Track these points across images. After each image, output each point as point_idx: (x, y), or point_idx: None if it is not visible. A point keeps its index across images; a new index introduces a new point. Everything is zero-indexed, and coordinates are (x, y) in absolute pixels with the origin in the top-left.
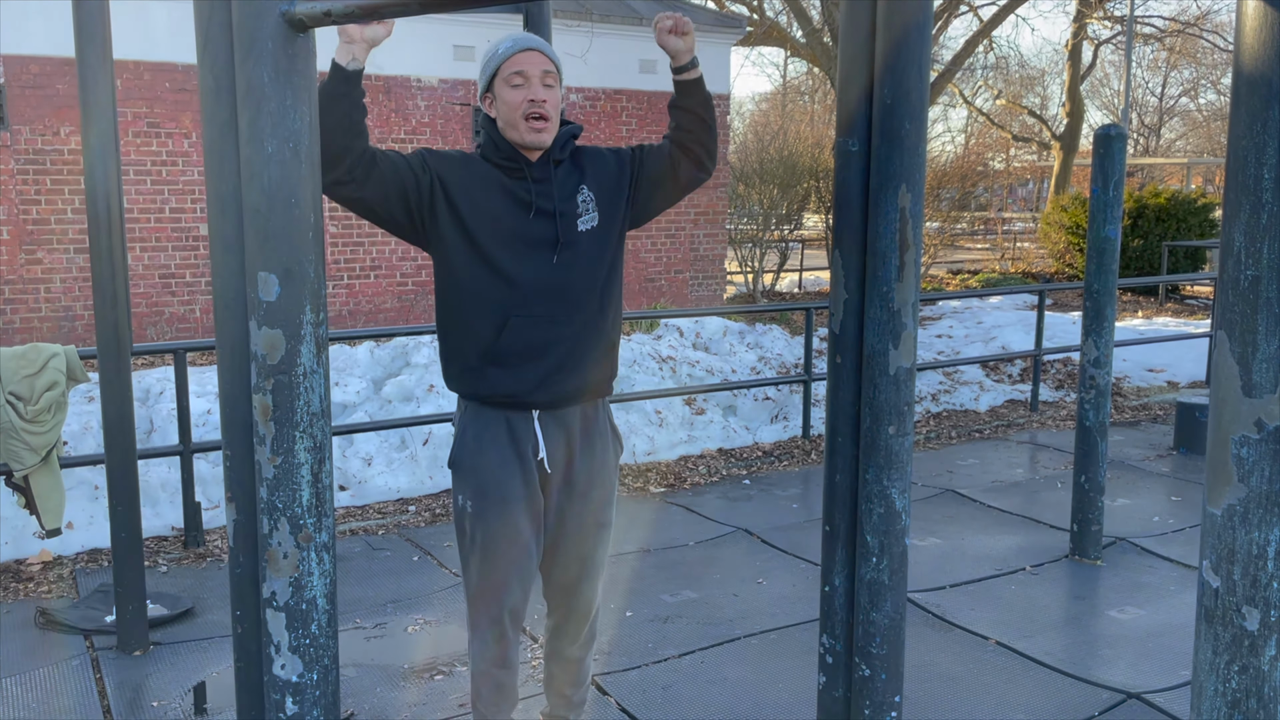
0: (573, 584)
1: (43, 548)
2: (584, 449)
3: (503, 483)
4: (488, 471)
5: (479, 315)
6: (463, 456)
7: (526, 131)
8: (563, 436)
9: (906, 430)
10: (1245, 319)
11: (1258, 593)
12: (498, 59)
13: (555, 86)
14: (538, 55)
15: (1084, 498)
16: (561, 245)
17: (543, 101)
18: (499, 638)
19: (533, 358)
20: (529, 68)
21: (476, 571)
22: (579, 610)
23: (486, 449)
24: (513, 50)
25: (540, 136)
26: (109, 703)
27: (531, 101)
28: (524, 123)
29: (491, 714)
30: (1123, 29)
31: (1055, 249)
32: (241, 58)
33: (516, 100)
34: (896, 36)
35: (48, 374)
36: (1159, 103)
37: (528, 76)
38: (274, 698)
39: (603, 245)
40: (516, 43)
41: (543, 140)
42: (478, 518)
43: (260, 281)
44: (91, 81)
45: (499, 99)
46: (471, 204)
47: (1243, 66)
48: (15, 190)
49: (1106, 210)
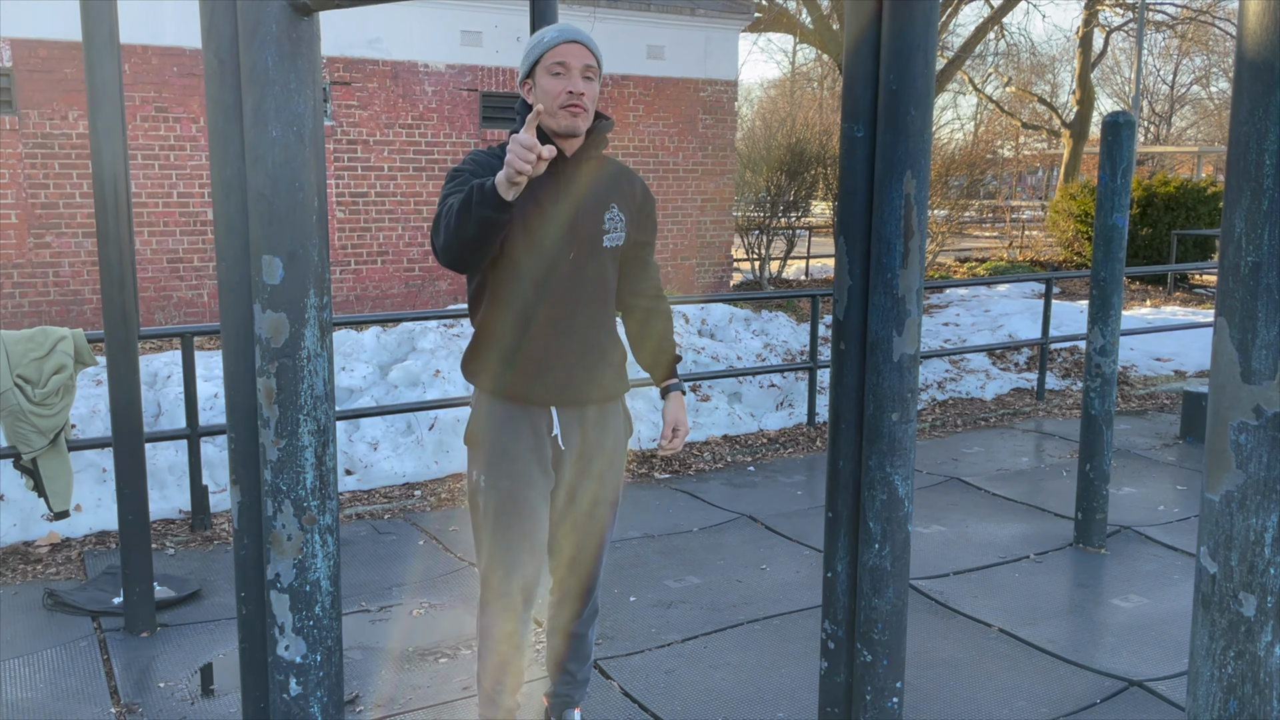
0: (580, 559)
1: (51, 530)
2: (598, 433)
3: (516, 456)
4: (501, 445)
5: (503, 317)
6: (478, 431)
7: (563, 116)
8: (578, 422)
9: (909, 417)
10: (1245, 305)
11: (1254, 579)
12: (542, 47)
13: (595, 80)
14: (581, 48)
15: (1089, 486)
16: (588, 254)
17: (581, 94)
18: (508, 612)
19: (547, 364)
20: (571, 59)
21: (488, 545)
22: (583, 584)
23: (502, 425)
24: (558, 40)
25: (575, 121)
26: (116, 684)
27: (570, 93)
28: (561, 110)
29: (495, 692)
30: (1134, 16)
31: (1064, 237)
32: (246, 41)
33: (556, 89)
34: (902, 22)
35: (56, 357)
36: (1170, 90)
37: (569, 67)
38: (278, 679)
39: (616, 263)
40: (562, 33)
41: (577, 126)
42: (490, 490)
43: (264, 265)
44: (98, 66)
45: (538, 86)
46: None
47: (1245, 52)
48: (24, 174)
49: (1114, 198)
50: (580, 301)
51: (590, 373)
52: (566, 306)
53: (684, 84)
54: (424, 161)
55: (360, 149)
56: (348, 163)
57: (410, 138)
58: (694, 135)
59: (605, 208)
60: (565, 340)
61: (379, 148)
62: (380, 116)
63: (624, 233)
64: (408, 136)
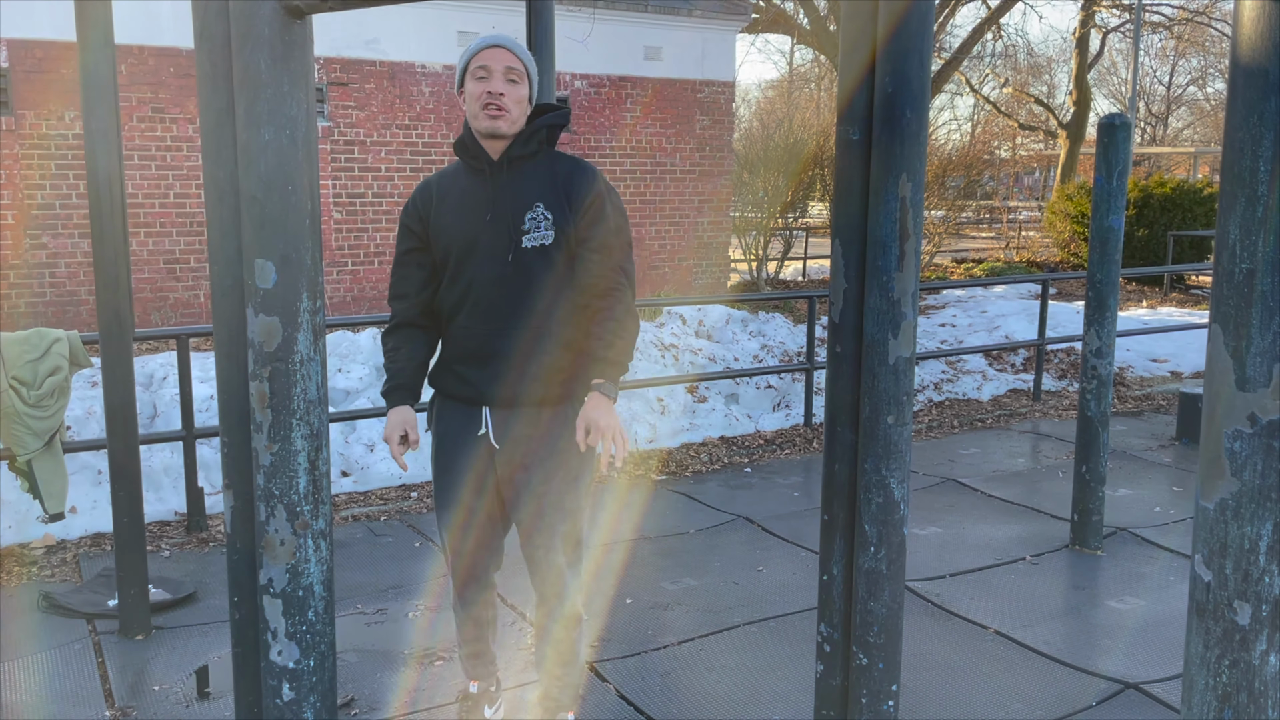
0: (539, 560)
1: (46, 532)
2: (536, 436)
3: (452, 451)
4: (439, 440)
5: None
6: (430, 420)
7: (483, 118)
8: (515, 421)
9: (905, 420)
10: (1239, 312)
11: (1249, 587)
12: (468, 55)
13: (520, 83)
14: (503, 52)
15: (1085, 487)
16: (511, 258)
17: (500, 94)
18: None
19: (475, 364)
20: (492, 63)
21: (441, 534)
22: (549, 584)
23: (440, 421)
24: (480, 46)
25: (495, 124)
26: (110, 686)
27: (489, 93)
28: (482, 112)
29: (470, 668)
30: (1131, 17)
31: (1060, 238)
32: (239, 44)
33: (477, 92)
34: (897, 24)
35: (51, 359)
36: (1166, 91)
37: (490, 70)
38: (271, 684)
39: (550, 263)
40: (485, 40)
41: (496, 127)
42: (434, 479)
43: (257, 268)
44: (93, 67)
45: (466, 92)
46: (442, 218)
47: (1240, 58)
48: (20, 175)
49: (1110, 200)
50: (505, 304)
51: (520, 375)
52: (490, 309)
53: (681, 85)
54: (421, 162)
55: (357, 149)
56: (345, 163)
57: (407, 138)
58: (691, 136)
59: (528, 208)
60: (490, 343)
61: (376, 148)
62: (377, 117)
63: (551, 232)
64: (405, 137)
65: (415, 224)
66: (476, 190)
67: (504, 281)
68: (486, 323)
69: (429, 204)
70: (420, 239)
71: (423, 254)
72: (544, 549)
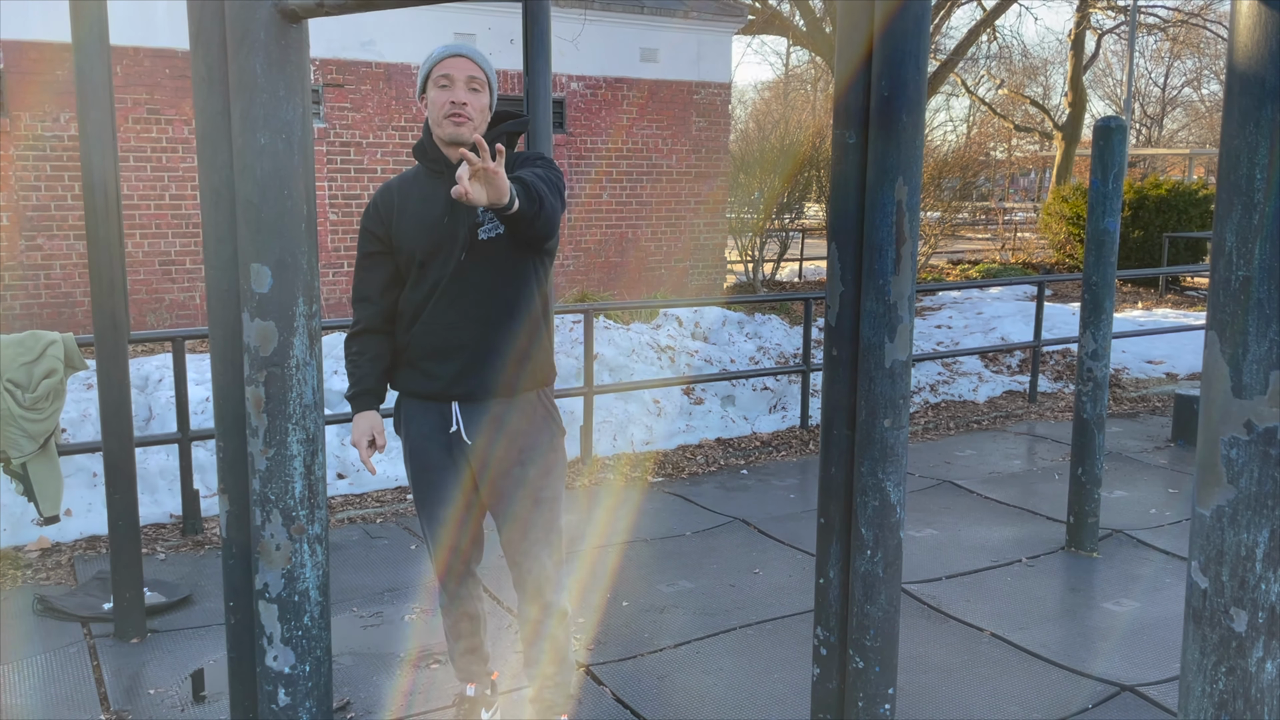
0: (517, 555)
1: (41, 535)
2: (505, 426)
3: (426, 452)
4: (411, 440)
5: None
6: (398, 422)
7: (446, 125)
8: (485, 416)
9: (902, 423)
10: (1236, 320)
11: (1245, 594)
12: (429, 63)
13: (481, 92)
14: (465, 61)
15: (1081, 490)
16: (466, 251)
17: (463, 104)
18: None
19: (439, 359)
20: (454, 72)
21: (424, 531)
22: (532, 577)
23: (410, 420)
24: (443, 55)
25: (458, 130)
26: (106, 690)
27: (452, 103)
28: (445, 120)
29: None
30: (1126, 18)
31: (1056, 239)
32: (234, 48)
33: (440, 100)
34: (894, 28)
35: (46, 361)
36: (1162, 93)
37: (453, 79)
38: (267, 689)
39: (505, 251)
40: (447, 49)
41: (459, 134)
42: (412, 482)
43: (253, 273)
44: (88, 68)
45: (428, 100)
46: (404, 220)
47: (1236, 65)
48: (15, 176)
49: (1106, 202)
50: (465, 297)
51: (486, 367)
52: (452, 304)
53: (677, 86)
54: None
55: (353, 151)
56: (340, 165)
57: (403, 140)
58: (687, 138)
59: None
60: (453, 336)
61: (372, 150)
62: (373, 118)
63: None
64: (400, 139)
65: (377, 227)
66: (436, 193)
67: (462, 275)
68: (448, 317)
69: (390, 208)
70: (383, 242)
71: (385, 257)
72: (523, 540)
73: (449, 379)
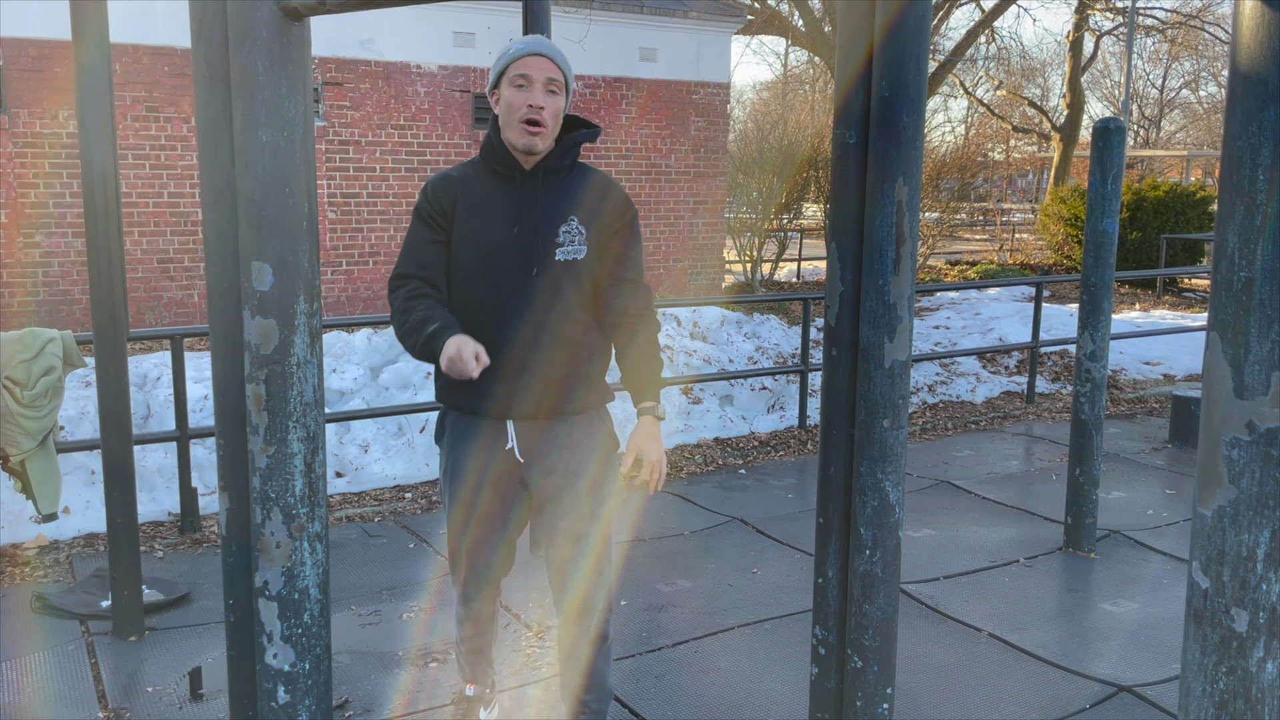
0: (567, 577)
1: (39, 532)
2: (565, 447)
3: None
4: (457, 456)
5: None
6: (442, 434)
7: (519, 134)
8: (538, 435)
9: (901, 423)
10: (1238, 320)
11: (1246, 594)
12: (507, 58)
13: (559, 95)
14: (545, 61)
15: (1078, 490)
16: (538, 270)
17: (540, 108)
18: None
19: (496, 376)
20: (534, 72)
21: (450, 549)
22: (573, 603)
23: (458, 436)
24: (523, 53)
25: (531, 140)
26: (104, 688)
27: (530, 106)
28: (519, 125)
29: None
30: (1124, 20)
31: (1054, 240)
32: (236, 46)
33: (516, 102)
34: (894, 29)
35: (44, 359)
36: (1160, 95)
37: (531, 80)
38: (266, 686)
39: (578, 277)
40: (528, 45)
41: (534, 145)
42: (452, 496)
43: (254, 271)
44: (87, 66)
45: (502, 98)
46: (466, 222)
47: (1239, 66)
48: (13, 173)
49: (1104, 204)
50: (531, 317)
51: (545, 386)
52: (517, 321)
53: (677, 86)
54: (416, 163)
55: (352, 149)
56: (340, 163)
57: (402, 138)
58: (686, 138)
59: (562, 221)
60: (516, 355)
61: (371, 148)
62: (372, 117)
63: (584, 247)
64: (400, 137)
65: (439, 216)
66: (502, 198)
67: (530, 293)
68: (510, 335)
69: (452, 202)
70: (444, 232)
71: (444, 247)
72: (575, 562)
73: (507, 397)
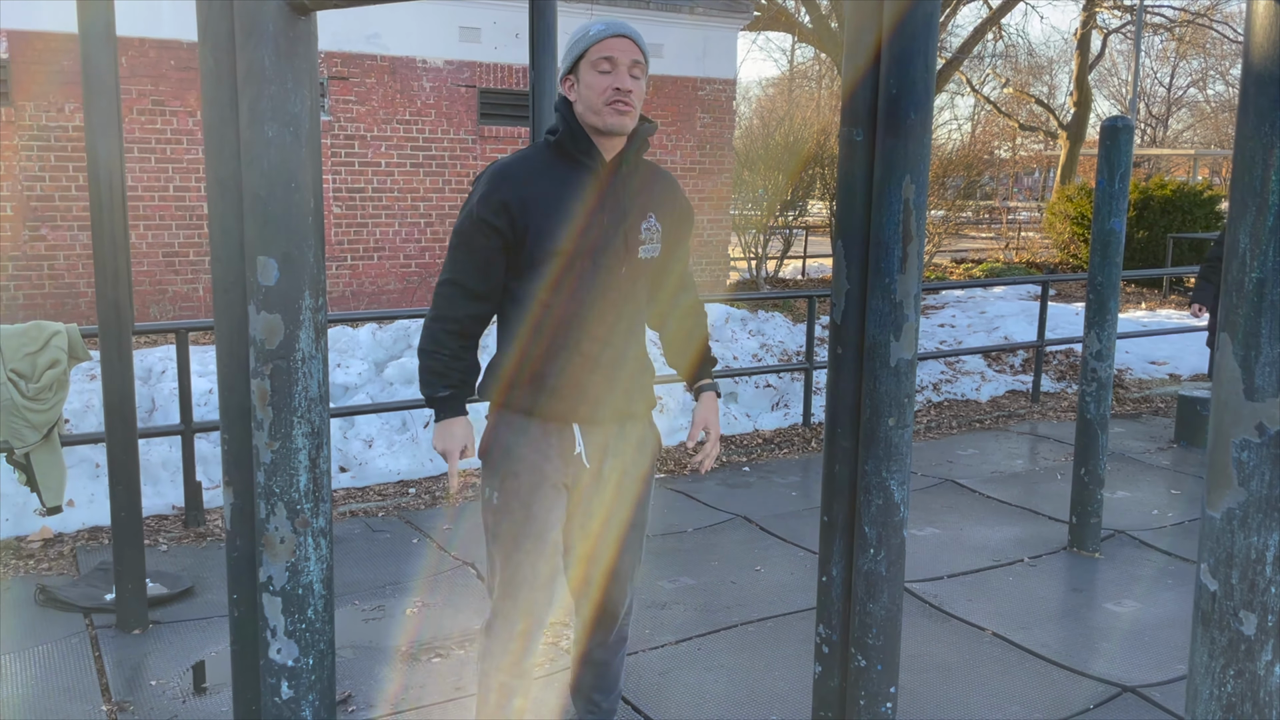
0: (605, 584)
1: (43, 525)
2: (624, 451)
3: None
4: (519, 465)
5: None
6: (492, 446)
7: (609, 114)
8: (603, 439)
9: (906, 422)
10: (1249, 321)
11: (1255, 597)
12: (588, 40)
13: (641, 79)
14: (629, 43)
15: (1083, 490)
16: (627, 267)
17: (628, 91)
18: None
19: (575, 379)
20: (619, 54)
21: (501, 568)
22: (608, 611)
23: (521, 443)
24: (605, 34)
25: (622, 120)
26: (107, 681)
27: (617, 90)
28: (606, 108)
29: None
30: (1132, 18)
31: (1060, 239)
32: (242, 40)
33: (601, 86)
34: (902, 26)
35: (50, 352)
36: (1167, 93)
37: (616, 63)
38: (270, 681)
39: (651, 276)
40: (610, 27)
41: (624, 125)
42: (503, 510)
43: (259, 266)
44: (94, 59)
45: (582, 82)
46: (543, 215)
47: (1251, 65)
48: (20, 166)
49: (1112, 203)
50: (618, 316)
51: (620, 388)
52: (605, 321)
53: (682, 82)
54: (421, 158)
55: (357, 144)
56: (345, 158)
57: (408, 133)
58: (692, 134)
59: (643, 217)
60: (603, 356)
61: (376, 143)
62: (378, 112)
63: (659, 244)
64: (405, 132)
65: (499, 219)
66: (584, 190)
67: (613, 291)
68: (590, 335)
69: (520, 199)
70: (503, 236)
71: (501, 255)
72: (617, 568)
73: (580, 400)
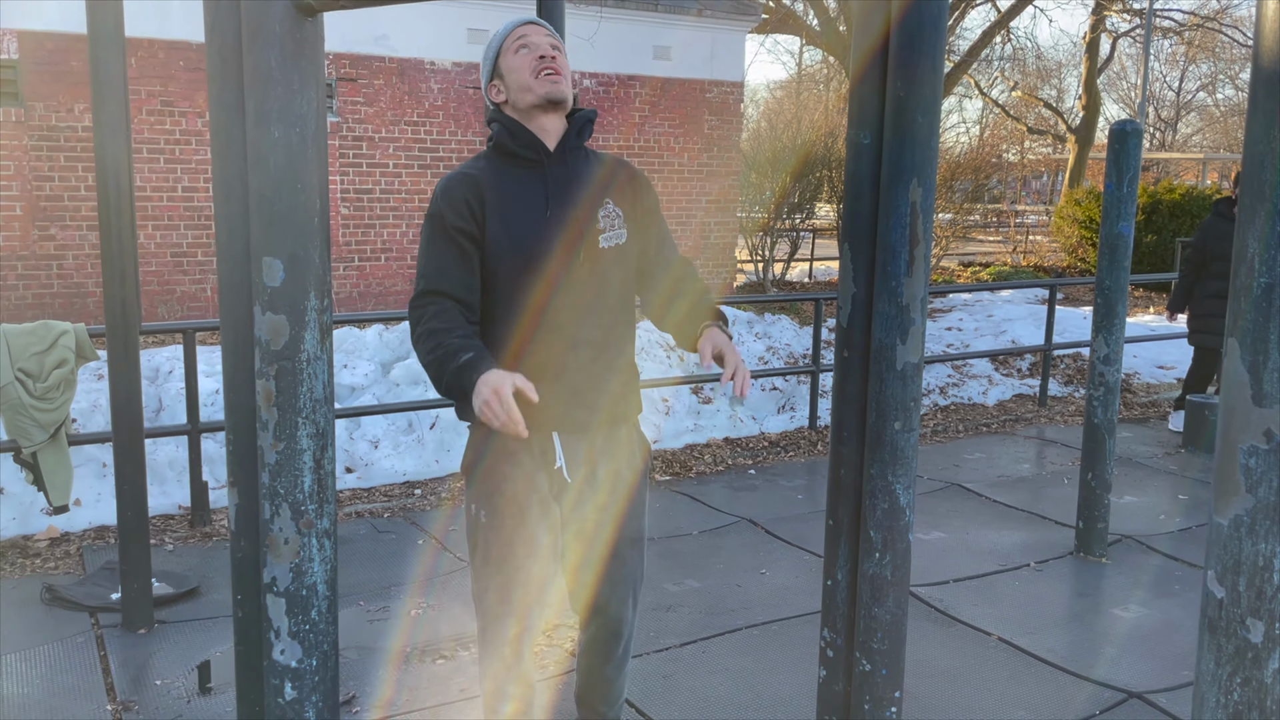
0: (602, 601)
1: (50, 524)
2: (609, 461)
3: (515, 494)
4: (499, 481)
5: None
6: (476, 463)
7: (542, 83)
8: (585, 449)
9: (912, 426)
10: (1257, 327)
11: (1263, 605)
12: (499, 38)
13: (562, 55)
14: (540, 28)
15: (1090, 494)
16: (584, 257)
17: (552, 58)
18: (515, 657)
19: (545, 383)
20: (532, 35)
21: (490, 586)
22: (609, 628)
23: (500, 458)
24: (514, 26)
25: (557, 86)
26: (113, 680)
27: (541, 58)
28: (536, 80)
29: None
30: (1141, 22)
31: (1068, 243)
32: (249, 41)
33: (525, 61)
34: (910, 29)
35: (57, 351)
36: (1176, 97)
37: (533, 42)
38: (273, 682)
39: (624, 265)
40: (517, 20)
41: (560, 91)
42: (491, 529)
43: (265, 266)
44: (103, 60)
45: (506, 71)
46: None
47: (1261, 70)
48: (29, 166)
49: (1120, 206)
50: (581, 313)
51: (598, 393)
52: (566, 321)
53: (690, 85)
54: (429, 159)
55: (365, 145)
56: (353, 159)
57: (415, 135)
58: (699, 136)
59: (598, 204)
60: (568, 358)
61: (384, 144)
62: (386, 113)
63: (624, 230)
64: (413, 133)
65: (465, 221)
66: (530, 184)
67: (576, 287)
68: (560, 335)
69: (480, 199)
70: (471, 240)
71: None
72: (617, 582)
73: (555, 406)
